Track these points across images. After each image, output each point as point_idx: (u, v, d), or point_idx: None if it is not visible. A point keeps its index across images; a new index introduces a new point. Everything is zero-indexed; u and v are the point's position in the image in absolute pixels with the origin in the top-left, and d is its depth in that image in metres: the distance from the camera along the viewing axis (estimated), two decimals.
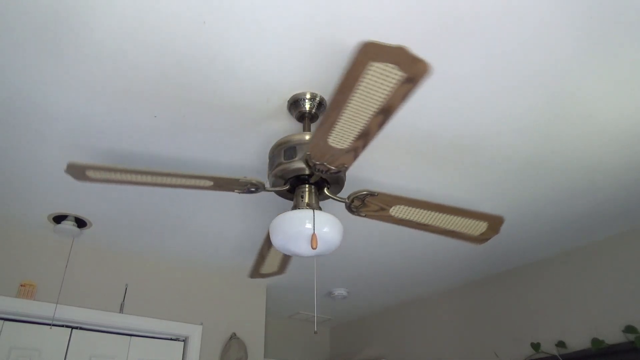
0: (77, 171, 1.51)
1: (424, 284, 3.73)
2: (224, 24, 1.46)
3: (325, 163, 1.48)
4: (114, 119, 1.86)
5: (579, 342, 2.88)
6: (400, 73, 1.13)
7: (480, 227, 1.79)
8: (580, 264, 3.03)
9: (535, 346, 3.05)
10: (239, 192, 1.63)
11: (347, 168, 1.52)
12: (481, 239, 1.85)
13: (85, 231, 2.77)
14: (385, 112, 1.26)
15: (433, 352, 3.76)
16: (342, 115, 1.28)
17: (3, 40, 1.50)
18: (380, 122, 1.30)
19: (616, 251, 2.87)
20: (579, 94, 1.77)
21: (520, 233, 2.87)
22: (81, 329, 2.83)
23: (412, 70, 1.12)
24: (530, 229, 2.82)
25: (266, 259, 2.02)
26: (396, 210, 1.70)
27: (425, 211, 1.70)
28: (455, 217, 1.73)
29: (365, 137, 1.36)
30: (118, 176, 1.53)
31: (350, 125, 1.32)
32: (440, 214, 1.71)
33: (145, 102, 1.77)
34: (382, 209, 1.70)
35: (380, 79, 1.15)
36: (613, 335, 2.73)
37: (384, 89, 1.18)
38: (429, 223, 1.75)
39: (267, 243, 1.91)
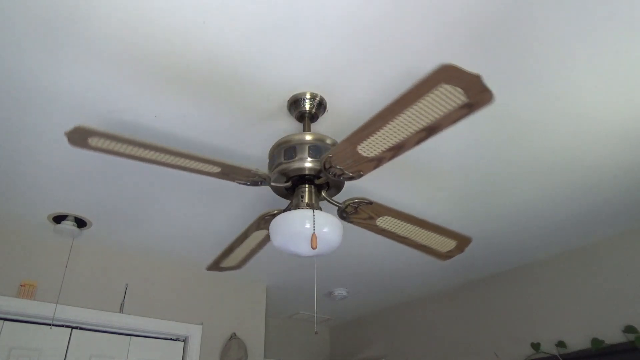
0: (80, 137, 1.35)
1: (424, 284, 3.73)
2: (224, 23, 1.46)
3: (343, 168, 1.48)
4: (114, 119, 1.86)
5: (579, 342, 2.88)
6: (464, 98, 1.15)
7: (449, 244, 1.90)
8: (580, 264, 3.03)
9: (535, 346, 3.05)
10: (239, 183, 1.60)
11: (362, 175, 1.52)
12: (446, 256, 1.96)
13: (85, 231, 2.77)
14: (430, 131, 1.27)
15: (433, 352, 3.76)
16: (385, 127, 1.29)
17: (3, 35, 1.50)
18: (421, 139, 1.31)
19: (616, 251, 2.87)
20: (578, 93, 1.77)
21: (520, 233, 2.87)
22: (81, 329, 2.83)
23: (477, 98, 1.14)
24: (530, 229, 2.82)
25: (232, 253, 2.01)
26: (382, 221, 1.75)
27: (408, 225, 1.77)
28: (432, 233, 1.82)
29: (397, 150, 1.36)
30: (121, 147, 1.38)
31: (388, 136, 1.32)
32: (420, 229, 1.79)
33: (145, 101, 1.77)
34: (371, 218, 1.73)
35: (443, 99, 1.16)
36: (613, 335, 2.73)
37: (441, 109, 1.19)
38: (407, 236, 1.83)
39: (242, 238, 1.90)
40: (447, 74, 1.09)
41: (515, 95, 1.77)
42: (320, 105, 1.77)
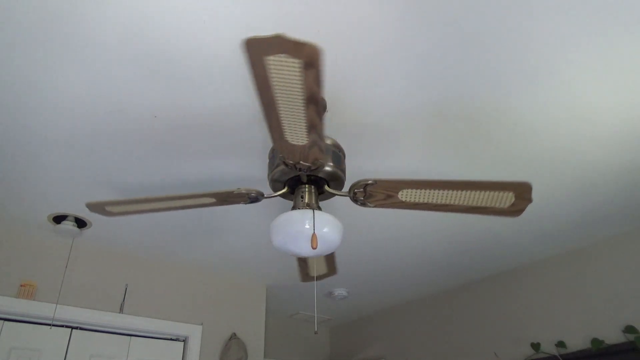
0: (98, 209, 1.71)
1: (424, 284, 3.73)
2: (224, 23, 1.46)
3: (301, 162, 1.48)
4: (114, 119, 1.86)
5: (579, 342, 2.88)
6: (295, 60, 1.09)
7: (507, 198, 1.58)
8: (580, 264, 3.03)
9: (535, 346, 3.05)
10: (245, 203, 1.67)
11: (323, 163, 1.52)
12: (513, 210, 1.64)
13: (85, 231, 2.77)
14: (313, 101, 1.22)
15: (433, 352, 3.76)
16: (280, 114, 1.26)
17: (3, 34, 1.50)
18: (317, 112, 1.25)
19: (616, 251, 2.87)
20: (578, 93, 1.77)
21: (520, 233, 2.87)
22: (81, 329, 2.83)
23: (304, 55, 1.07)
24: (530, 229, 2.82)
25: (308, 261, 2.04)
26: (405, 195, 1.59)
27: (437, 191, 1.56)
28: (472, 191, 1.56)
29: (314, 129, 1.32)
30: (133, 207, 1.70)
31: (293, 121, 1.30)
32: (454, 192, 1.56)
33: (145, 102, 1.77)
34: (389, 196, 1.61)
35: (285, 70, 1.12)
36: (613, 335, 2.73)
37: (295, 80, 1.15)
38: (448, 202, 1.61)
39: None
40: (257, 47, 1.05)
41: (515, 95, 1.77)
42: None
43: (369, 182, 1.57)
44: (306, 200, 1.61)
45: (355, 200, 1.64)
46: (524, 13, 1.44)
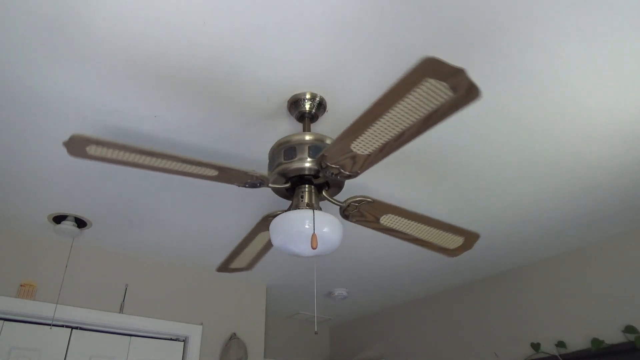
0: (77, 146, 1.38)
1: (424, 284, 3.73)
2: (224, 24, 1.46)
3: (338, 166, 1.47)
4: (114, 119, 1.86)
5: (579, 342, 2.88)
6: (450, 94, 1.12)
7: (457, 241, 1.87)
8: (580, 264, 3.03)
9: (535, 346, 3.05)
10: (239, 186, 1.60)
11: (359, 174, 1.51)
12: (455, 252, 1.94)
13: (85, 231, 2.77)
14: (421, 126, 1.26)
15: (433, 352, 3.76)
16: (376, 123, 1.27)
17: (4, 36, 1.50)
18: (412, 135, 1.29)
19: (616, 251, 2.87)
20: (578, 93, 1.77)
21: (520, 233, 2.87)
22: (81, 329, 2.83)
23: (464, 94, 1.12)
24: (530, 229, 2.82)
25: (240, 255, 2.01)
26: (386, 219, 1.72)
27: (412, 222, 1.74)
28: (438, 230, 1.78)
29: (391, 146, 1.35)
30: (119, 155, 1.42)
31: (380, 134, 1.31)
32: (425, 226, 1.76)
33: (145, 102, 1.77)
34: (374, 217, 1.71)
35: (430, 95, 1.14)
36: (613, 335, 2.73)
37: (429, 106, 1.17)
38: (412, 234, 1.80)
39: (248, 239, 1.90)
40: (431, 68, 1.07)
41: (515, 95, 1.77)
42: (320, 106, 1.77)
43: (367, 200, 1.63)
44: (306, 200, 1.61)
45: (344, 211, 1.68)
46: (522, 13, 1.44)
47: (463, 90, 1.11)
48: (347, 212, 1.69)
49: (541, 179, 2.31)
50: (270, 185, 1.62)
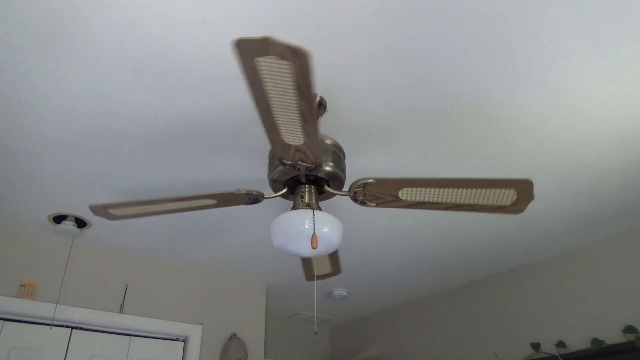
0: (101, 210, 1.73)
1: (424, 284, 3.73)
2: (224, 23, 1.46)
3: (299, 162, 1.47)
4: (114, 119, 1.86)
5: (579, 342, 2.88)
6: (284, 62, 1.10)
7: (509, 195, 1.56)
8: (580, 264, 3.03)
9: (535, 346, 3.05)
10: (246, 204, 1.68)
11: (320, 163, 1.51)
12: (515, 208, 1.62)
13: (85, 231, 2.77)
14: (305, 102, 1.22)
15: (433, 352, 3.76)
16: (274, 114, 1.27)
17: (2, 36, 1.50)
18: (310, 112, 1.26)
19: (616, 251, 2.87)
20: (577, 93, 1.77)
21: (520, 233, 2.87)
22: (81, 329, 2.83)
23: (292, 58, 1.08)
24: (530, 230, 2.82)
25: (312, 260, 2.04)
26: (406, 194, 1.58)
27: (437, 189, 1.54)
28: (472, 189, 1.54)
29: (309, 129, 1.32)
30: (136, 210, 1.73)
31: (288, 122, 1.30)
32: (455, 190, 1.54)
33: (145, 101, 1.77)
34: (391, 196, 1.60)
35: (275, 72, 1.13)
36: (613, 335, 2.73)
37: (286, 81, 1.15)
38: (448, 201, 1.59)
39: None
40: (246, 49, 1.05)
41: (515, 95, 1.77)
42: (320, 106, 1.77)
43: (369, 181, 1.56)
44: (306, 200, 1.61)
45: (355, 199, 1.63)
46: (524, 14, 1.44)
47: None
48: (359, 198, 1.63)
49: (541, 179, 2.31)
50: (267, 197, 1.66)
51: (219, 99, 1.76)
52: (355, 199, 1.64)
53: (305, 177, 1.61)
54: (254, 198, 1.65)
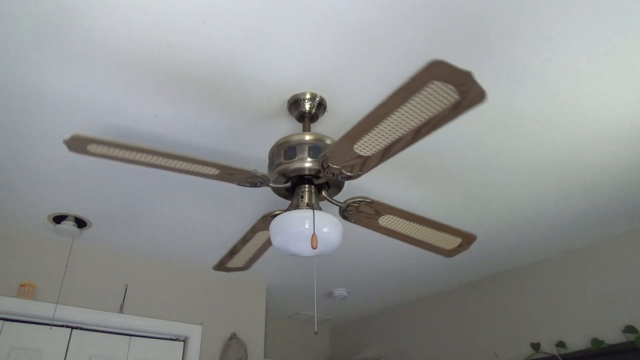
0: (78, 144, 1.40)
1: (424, 284, 3.73)
2: (224, 23, 1.46)
3: (340, 167, 1.47)
4: (115, 119, 1.86)
5: (579, 342, 2.88)
6: (456, 97, 1.13)
7: (454, 242, 1.89)
8: (580, 264, 3.03)
9: (535, 346, 3.05)
10: (239, 184, 1.61)
11: (360, 175, 1.51)
12: (451, 253, 1.96)
13: (85, 231, 2.77)
14: (424, 129, 1.26)
15: (433, 352, 3.76)
16: (380, 125, 1.27)
17: (3, 36, 1.50)
18: (416, 137, 1.29)
19: (616, 251, 2.87)
20: (577, 92, 1.77)
21: (520, 233, 2.87)
22: (81, 329, 2.83)
23: (469, 97, 1.12)
24: (530, 229, 2.82)
25: (238, 254, 2.01)
26: (385, 220, 1.74)
27: (411, 223, 1.75)
28: (436, 231, 1.80)
29: (393, 147, 1.35)
30: (120, 153, 1.43)
31: (384, 136, 1.31)
32: (423, 227, 1.78)
33: (145, 101, 1.77)
34: (373, 217, 1.72)
35: (435, 97, 1.14)
36: (613, 335, 2.73)
37: (434, 107, 1.17)
38: (410, 235, 1.82)
39: (247, 238, 1.90)
40: (438, 70, 1.07)
41: (515, 95, 1.77)
42: (320, 106, 1.77)
43: (367, 200, 1.64)
44: (306, 200, 1.61)
45: (344, 212, 1.69)
46: (524, 15, 1.44)
47: (469, 94, 1.12)
48: (347, 213, 1.70)
49: (541, 179, 2.31)
50: (270, 184, 1.62)
51: (219, 98, 1.76)
52: (344, 211, 1.68)
53: (317, 178, 1.61)
54: (258, 180, 1.59)
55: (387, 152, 1.38)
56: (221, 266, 2.08)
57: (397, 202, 2.48)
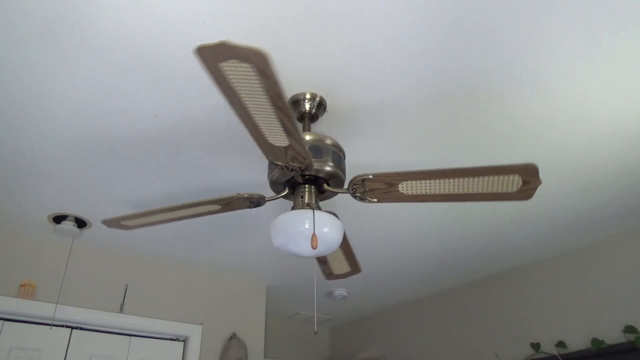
0: (114, 223, 1.81)
1: (423, 284, 3.73)
2: (224, 24, 1.46)
3: (290, 163, 1.47)
4: (114, 118, 1.86)
5: (579, 342, 2.88)
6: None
7: (514, 181, 1.49)
8: (580, 264, 3.03)
9: (535, 346, 3.05)
10: (249, 208, 1.71)
11: (311, 163, 1.49)
12: (522, 195, 1.55)
13: (85, 231, 2.77)
14: (279, 104, 1.22)
15: (433, 352, 3.76)
16: (254, 117, 1.27)
17: (3, 36, 1.50)
18: (285, 113, 1.25)
19: (616, 251, 2.87)
20: (577, 92, 1.77)
21: (520, 233, 2.87)
22: (81, 329, 2.83)
23: (253, 61, 1.08)
24: (530, 230, 2.82)
25: (328, 261, 2.04)
26: (405, 187, 1.56)
27: (437, 181, 1.51)
28: (474, 178, 1.48)
29: (289, 130, 1.32)
30: (144, 220, 1.80)
31: (270, 124, 1.30)
32: (455, 179, 1.50)
33: (145, 101, 1.77)
34: (390, 190, 1.59)
35: (242, 76, 1.13)
36: (613, 335, 2.73)
37: (254, 84, 1.15)
38: (450, 192, 1.55)
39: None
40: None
41: (515, 96, 1.77)
42: (320, 106, 1.77)
43: (368, 176, 1.56)
44: (306, 200, 1.61)
45: (355, 195, 1.63)
46: (523, 16, 1.44)
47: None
48: (358, 195, 1.62)
49: (541, 179, 2.30)
50: (268, 198, 1.67)
51: (220, 100, 1.76)
52: (354, 195, 1.63)
53: (305, 177, 1.61)
54: (255, 202, 1.66)
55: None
56: (330, 275, 2.16)
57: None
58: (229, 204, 1.66)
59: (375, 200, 1.63)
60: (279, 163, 1.48)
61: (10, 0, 1.37)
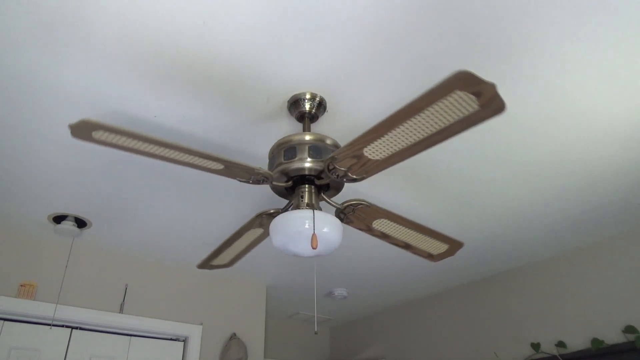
0: (84, 129, 1.31)
1: (423, 284, 3.73)
2: (224, 24, 1.46)
3: (346, 169, 1.48)
4: (114, 118, 1.86)
5: (579, 342, 2.88)
6: (476, 107, 1.14)
7: (441, 247, 1.92)
8: (580, 264, 3.03)
9: (535, 346, 3.05)
10: (241, 181, 1.59)
11: (365, 178, 1.52)
12: (436, 258, 2.00)
13: (85, 231, 2.77)
14: (439, 137, 1.27)
15: (433, 352, 3.76)
16: (395, 130, 1.27)
17: (3, 33, 1.50)
18: (428, 145, 1.30)
19: (616, 251, 2.87)
20: (577, 92, 1.77)
21: (520, 233, 2.87)
22: (81, 329, 2.83)
23: (490, 108, 1.13)
24: (530, 230, 2.82)
25: (224, 252, 2.01)
26: (378, 224, 1.75)
27: (402, 227, 1.77)
28: (426, 236, 1.83)
29: (404, 154, 1.35)
30: (125, 141, 1.36)
31: (396, 140, 1.31)
32: (413, 232, 1.80)
33: (145, 101, 1.77)
34: (367, 221, 1.74)
35: (454, 107, 1.15)
36: (613, 335, 2.73)
37: (452, 116, 1.18)
38: (400, 239, 1.84)
39: (237, 236, 1.88)
40: (463, 80, 1.08)
41: (514, 96, 1.77)
42: (320, 106, 1.77)
43: (364, 203, 1.65)
44: (306, 200, 1.61)
45: (341, 213, 1.70)
46: (525, 13, 1.44)
47: (490, 105, 1.13)
48: (343, 214, 1.71)
49: (541, 179, 2.31)
50: (273, 182, 1.62)
51: (220, 96, 1.76)
52: (341, 213, 1.70)
53: (319, 179, 1.61)
54: (261, 178, 1.57)
55: (395, 158, 1.39)
56: (206, 264, 2.08)
57: (395, 207, 2.49)
58: (233, 168, 1.51)
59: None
60: (340, 167, 1.48)
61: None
